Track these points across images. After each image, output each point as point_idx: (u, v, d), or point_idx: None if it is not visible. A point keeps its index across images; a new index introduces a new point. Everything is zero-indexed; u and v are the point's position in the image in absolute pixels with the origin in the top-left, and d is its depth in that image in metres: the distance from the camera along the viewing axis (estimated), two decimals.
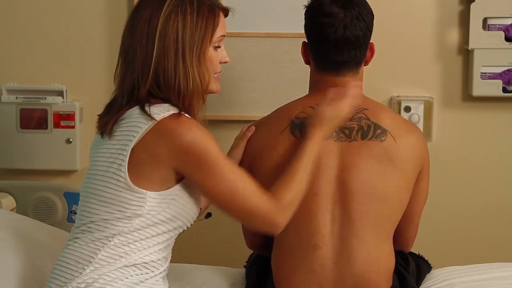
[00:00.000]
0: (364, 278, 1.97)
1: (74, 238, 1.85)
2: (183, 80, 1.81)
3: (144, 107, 1.80)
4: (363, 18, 2.01)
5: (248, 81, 2.78)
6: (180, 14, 1.81)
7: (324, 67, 2.05)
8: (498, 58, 2.71)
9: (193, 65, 1.82)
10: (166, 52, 1.81)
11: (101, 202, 1.82)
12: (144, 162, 1.78)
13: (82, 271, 1.80)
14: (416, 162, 2.02)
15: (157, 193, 1.80)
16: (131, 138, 1.78)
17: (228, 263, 2.48)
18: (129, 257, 1.81)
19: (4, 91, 2.81)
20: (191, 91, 1.83)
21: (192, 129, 1.78)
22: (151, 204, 1.80)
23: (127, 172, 1.78)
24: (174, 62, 1.81)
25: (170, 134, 1.77)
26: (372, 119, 2.00)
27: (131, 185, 1.78)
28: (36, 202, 2.78)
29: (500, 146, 2.82)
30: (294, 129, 2.01)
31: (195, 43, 1.82)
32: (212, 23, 1.85)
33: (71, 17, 2.82)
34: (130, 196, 1.79)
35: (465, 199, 2.85)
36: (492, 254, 2.81)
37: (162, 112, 1.79)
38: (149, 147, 1.78)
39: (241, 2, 2.75)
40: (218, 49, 1.90)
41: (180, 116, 1.80)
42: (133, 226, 1.80)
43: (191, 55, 1.82)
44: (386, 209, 1.98)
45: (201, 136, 1.78)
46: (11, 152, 2.83)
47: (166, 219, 1.83)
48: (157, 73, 1.81)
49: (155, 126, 1.78)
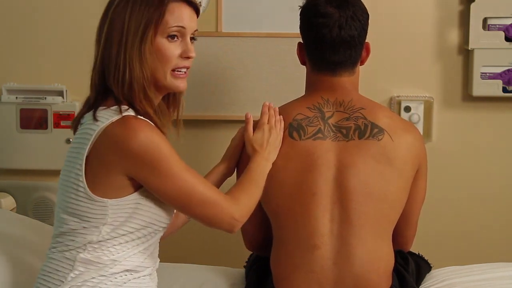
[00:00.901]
0: (363, 278, 1.97)
1: (52, 247, 1.83)
2: (122, 70, 1.74)
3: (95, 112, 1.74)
4: (358, 18, 2.01)
5: (248, 81, 2.78)
6: (130, 2, 1.76)
7: (320, 67, 2.05)
8: (498, 58, 2.71)
9: (133, 55, 1.74)
10: (112, 43, 1.75)
11: (67, 213, 1.78)
12: (98, 171, 1.73)
13: (64, 280, 1.77)
14: (413, 161, 2.02)
15: (118, 200, 1.75)
16: (84, 146, 1.73)
17: (228, 263, 2.48)
18: (109, 263, 1.77)
19: (4, 91, 2.81)
20: (135, 83, 1.74)
21: (140, 132, 1.69)
22: (114, 212, 1.75)
23: (85, 183, 1.73)
24: (117, 52, 1.75)
25: (116, 141, 1.70)
26: (369, 118, 2.01)
27: (90, 194, 1.73)
28: (36, 202, 2.79)
29: (500, 146, 2.82)
30: (293, 131, 2.01)
31: (137, 31, 1.74)
32: (160, 10, 1.75)
33: (71, 17, 2.81)
34: (92, 206, 1.74)
35: (465, 199, 2.85)
36: (492, 254, 2.81)
37: (110, 116, 1.72)
38: (99, 154, 1.72)
39: (241, 2, 2.75)
40: (176, 41, 1.79)
41: (126, 119, 1.72)
42: (103, 235, 1.76)
43: (133, 44, 1.74)
44: (385, 208, 1.98)
45: (150, 139, 1.70)
46: (11, 152, 2.83)
47: (137, 225, 1.78)
48: (105, 65, 1.76)
49: (102, 133, 1.71)
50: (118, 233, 1.77)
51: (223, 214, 1.81)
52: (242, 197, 1.87)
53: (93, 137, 1.72)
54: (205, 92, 2.77)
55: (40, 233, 2.29)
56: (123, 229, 1.77)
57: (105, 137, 1.71)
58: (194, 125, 2.80)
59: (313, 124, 2.01)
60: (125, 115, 1.73)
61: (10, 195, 2.79)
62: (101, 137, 1.72)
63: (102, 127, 1.72)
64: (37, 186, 2.80)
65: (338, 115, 2.03)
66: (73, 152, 1.77)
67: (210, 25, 2.74)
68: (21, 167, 2.84)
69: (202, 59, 2.73)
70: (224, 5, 2.75)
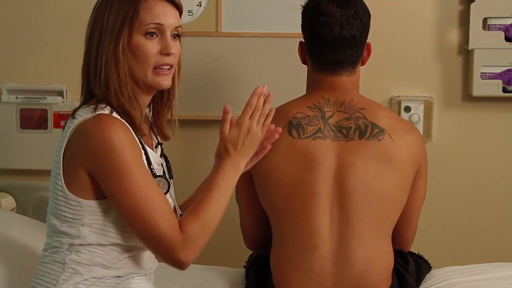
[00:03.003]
0: (363, 278, 1.97)
1: (44, 250, 1.83)
2: (104, 70, 1.72)
3: (75, 110, 1.74)
4: (359, 17, 2.01)
5: (248, 81, 2.78)
6: (110, 0, 1.75)
7: (321, 67, 2.05)
8: (498, 58, 2.71)
9: (108, 54, 1.72)
10: (92, 41, 1.75)
11: (51, 214, 1.78)
12: (69, 166, 1.71)
13: (56, 282, 1.77)
14: (413, 161, 2.02)
15: (94, 201, 1.73)
16: (61, 144, 1.74)
17: (228, 263, 2.49)
18: (99, 265, 1.76)
19: (4, 91, 2.81)
20: (114, 80, 1.73)
21: (108, 130, 1.67)
22: (90, 214, 1.73)
23: (62, 180, 1.73)
24: (96, 51, 1.74)
25: (85, 134, 1.69)
26: (370, 118, 2.01)
27: (67, 192, 1.72)
28: (36, 202, 2.79)
29: (500, 146, 2.82)
30: (292, 129, 2.01)
31: (114, 28, 1.73)
32: (134, 7, 1.74)
33: (71, 17, 2.81)
34: (68, 205, 1.73)
35: (465, 199, 2.85)
36: (492, 254, 2.80)
37: (86, 114, 1.72)
38: (71, 150, 1.71)
39: (241, 2, 2.75)
40: (154, 39, 1.76)
41: (100, 117, 1.70)
42: (84, 237, 1.73)
43: (109, 44, 1.73)
44: (385, 208, 1.98)
45: (117, 139, 1.66)
46: (11, 152, 2.83)
47: (119, 229, 1.75)
48: (85, 64, 1.76)
49: (76, 129, 1.71)
50: (101, 238, 1.75)
51: (163, 249, 1.69)
52: (192, 228, 1.69)
53: (69, 134, 1.72)
54: (205, 92, 2.77)
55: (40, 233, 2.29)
56: (102, 234, 1.75)
57: (78, 133, 1.71)
58: (194, 125, 2.80)
59: (313, 123, 2.01)
60: (100, 113, 1.71)
61: (10, 195, 2.79)
62: (75, 134, 1.71)
63: (77, 123, 1.71)
64: (37, 186, 2.80)
65: (338, 115, 2.03)
66: (56, 152, 1.77)
67: (210, 25, 2.74)
68: (21, 167, 2.84)
69: (202, 59, 2.73)
70: (224, 5, 2.74)
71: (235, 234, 2.34)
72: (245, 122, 1.79)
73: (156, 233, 1.67)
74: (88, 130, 1.69)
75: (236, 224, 2.19)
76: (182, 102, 2.14)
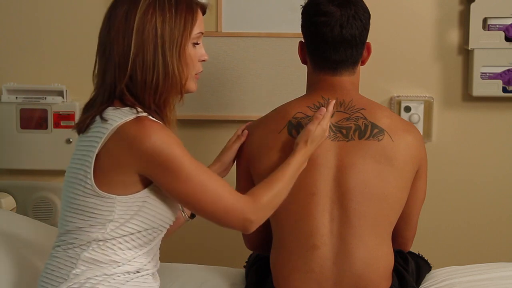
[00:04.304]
0: (363, 278, 1.97)
1: (56, 246, 1.84)
2: (162, 76, 1.78)
3: (102, 112, 1.77)
4: (359, 17, 2.01)
5: (248, 81, 2.78)
6: (158, 9, 1.78)
7: (321, 67, 2.05)
8: (498, 58, 2.71)
9: (173, 61, 1.78)
10: (145, 47, 1.77)
11: (73, 210, 1.79)
12: (109, 168, 1.76)
13: (67, 277, 1.79)
14: (413, 161, 2.02)
15: (126, 197, 1.77)
16: (95, 144, 1.76)
17: (228, 263, 2.49)
18: (112, 263, 1.79)
19: (4, 91, 2.81)
20: (169, 87, 1.79)
21: (154, 133, 1.74)
22: (121, 209, 1.77)
23: (93, 179, 1.75)
24: (153, 57, 1.78)
25: (131, 140, 1.73)
26: (369, 118, 2.00)
27: (98, 191, 1.76)
28: (36, 202, 2.79)
29: (500, 146, 2.82)
30: (292, 129, 2.01)
31: (175, 38, 1.79)
32: (191, 19, 1.82)
33: (71, 17, 2.82)
34: (99, 202, 1.76)
35: (465, 199, 2.85)
36: (492, 254, 2.81)
37: (123, 116, 1.75)
38: (112, 153, 1.75)
39: (241, 2, 2.75)
40: (197, 47, 1.86)
41: (141, 120, 1.75)
42: (108, 232, 1.78)
43: (171, 51, 1.79)
44: (385, 208, 1.98)
45: (164, 140, 1.74)
46: (11, 152, 2.83)
47: (140, 222, 1.80)
48: (134, 69, 1.78)
49: (115, 132, 1.74)
50: (123, 231, 1.78)
51: (235, 216, 1.81)
52: (264, 195, 1.85)
53: (106, 136, 1.74)
54: (205, 92, 2.77)
55: (40, 233, 2.29)
56: (128, 226, 1.78)
57: (119, 136, 1.74)
58: (194, 125, 2.80)
59: None
60: (140, 116, 1.76)
61: (10, 195, 2.79)
62: (114, 136, 1.75)
63: (116, 126, 1.74)
64: (37, 186, 2.80)
65: (338, 115, 2.03)
66: (83, 151, 1.79)
67: (210, 25, 2.74)
68: (21, 167, 2.85)
69: None
70: (224, 5, 2.75)
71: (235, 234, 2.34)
72: (326, 126, 1.97)
73: (225, 206, 1.79)
74: (134, 135, 1.73)
75: None
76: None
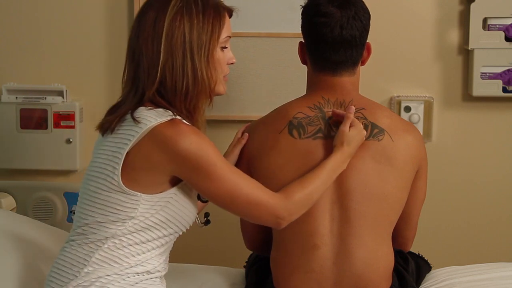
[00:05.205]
0: (363, 278, 1.97)
1: (70, 240, 1.86)
2: (191, 81, 1.81)
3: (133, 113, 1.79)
4: (359, 18, 2.01)
5: (248, 81, 2.78)
6: (186, 15, 1.82)
7: (321, 67, 2.05)
8: (498, 58, 2.71)
9: (201, 66, 1.82)
10: (174, 53, 1.81)
11: (95, 204, 1.82)
12: (140, 167, 1.79)
13: (78, 274, 1.81)
14: (413, 161, 2.02)
15: (151, 195, 1.80)
16: (127, 142, 1.78)
17: (228, 263, 2.49)
18: (124, 263, 1.81)
19: (4, 91, 2.81)
20: (199, 92, 1.83)
21: (188, 135, 1.78)
22: (144, 207, 1.80)
23: (120, 176, 1.78)
24: (182, 63, 1.81)
25: (166, 142, 1.77)
26: (370, 118, 2.01)
27: (124, 187, 1.78)
28: (36, 202, 2.79)
29: (500, 146, 2.82)
30: (292, 129, 2.01)
31: (203, 43, 1.83)
32: (219, 23, 1.86)
33: (71, 17, 2.82)
34: (124, 198, 1.79)
35: (465, 199, 2.85)
36: (492, 254, 2.81)
37: (157, 117, 1.79)
38: (145, 153, 1.78)
39: (241, 2, 2.74)
40: (225, 50, 1.90)
41: (175, 122, 1.79)
42: (127, 228, 1.80)
43: (200, 56, 1.82)
44: (385, 208, 1.98)
45: (198, 142, 1.78)
46: (11, 152, 2.83)
47: (160, 222, 1.82)
48: (164, 74, 1.81)
49: (150, 132, 1.77)
50: (141, 229, 1.81)
51: (267, 213, 1.85)
52: (298, 193, 1.88)
53: (139, 135, 1.77)
54: None
55: (41, 233, 2.29)
56: (147, 224, 1.81)
57: (153, 137, 1.77)
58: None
59: (314, 123, 2.01)
60: (174, 118, 1.80)
61: (10, 195, 2.79)
62: (148, 137, 1.77)
63: (150, 126, 1.77)
64: (37, 186, 2.80)
65: None
66: (112, 147, 1.81)
67: None
68: (21, 167, 2.84)
69: None
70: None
71: (235, 234, 2.34)
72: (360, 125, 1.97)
73: (257, 204, 1.85)
74: (169, 136, 1.77)
75: (236, 224, 2.19)
76: None
